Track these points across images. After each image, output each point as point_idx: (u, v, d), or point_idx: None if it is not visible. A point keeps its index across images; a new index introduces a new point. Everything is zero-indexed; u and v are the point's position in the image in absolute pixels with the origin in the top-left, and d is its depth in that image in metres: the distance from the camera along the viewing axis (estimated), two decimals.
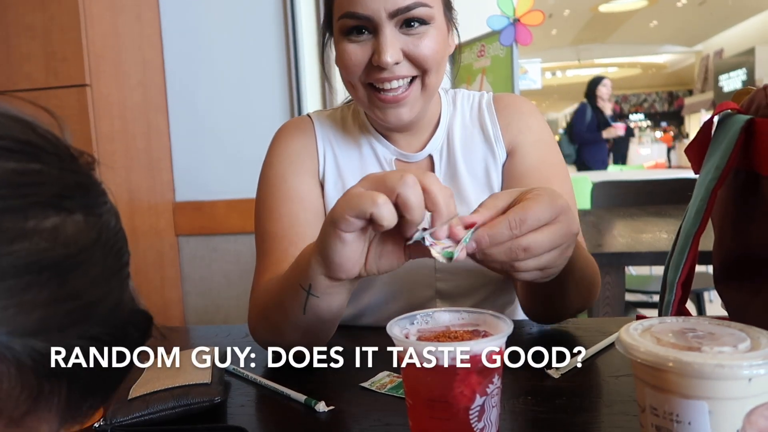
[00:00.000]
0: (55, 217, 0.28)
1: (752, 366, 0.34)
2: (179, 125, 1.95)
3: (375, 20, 0.75)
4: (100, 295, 0.29)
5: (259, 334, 0.76)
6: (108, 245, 0.31)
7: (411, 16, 0.75)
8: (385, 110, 0.79)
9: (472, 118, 0.91)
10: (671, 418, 0.37)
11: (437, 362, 0.43)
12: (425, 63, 0.78)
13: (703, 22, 11.13)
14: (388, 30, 0.75)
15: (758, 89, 0.54)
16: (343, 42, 0.79)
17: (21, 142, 0.28)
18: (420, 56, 0.77)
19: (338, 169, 0.89)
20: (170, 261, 1.93)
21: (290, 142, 0.90)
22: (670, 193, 2.45)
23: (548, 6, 9.01)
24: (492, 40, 2.41)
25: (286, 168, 0.88)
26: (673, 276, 0.54)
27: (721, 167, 0.50)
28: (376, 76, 0.77)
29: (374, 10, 0.74)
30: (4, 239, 0.26)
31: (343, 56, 0.79)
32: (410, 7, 0.75)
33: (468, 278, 0.86)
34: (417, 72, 0.79)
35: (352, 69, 0.78)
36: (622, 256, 1.45)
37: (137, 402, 0.58)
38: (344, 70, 0.80)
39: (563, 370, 0.64)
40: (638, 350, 0.38)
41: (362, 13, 0.75)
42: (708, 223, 0.53)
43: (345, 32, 0.78)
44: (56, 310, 0.27)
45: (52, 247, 0.27)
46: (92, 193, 0.31)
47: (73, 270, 0.28)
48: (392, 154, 0.88)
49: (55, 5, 1.52)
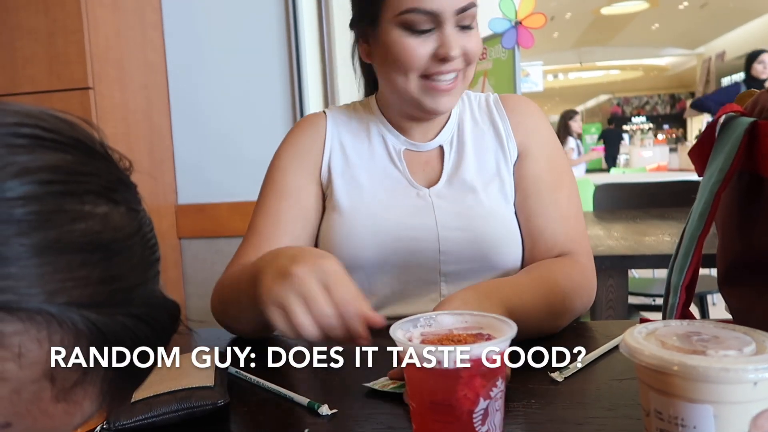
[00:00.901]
0: (105, 206, 0.31)
1: (757, 370, 0.34)
2: (182, 128, 1.95)
3: (442, 17, 0.81)
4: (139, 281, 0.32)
5: (217, 317, 0.86)
6: (145, 239, 0.34)
7: (467, 15, 0.83)
8: (437, 98, 0.85)
9: (482, 114, 0.96)
10: (676, 422, 0.37)
11: (440, 365, 0.43)
12: (473, 58, 0.85)
13: (705, 24, 11.13)
14: (452, 26, 0.82)
15: (762, 92, 0.54)
16: (403, 36, 0.83)
17: (73, 138, 0.32)
18: (471, 52, 0.85)
19: (347, 159, 0.93)
20: (173, 263, 1.93)
21: (298, 138, 0.95)
22: (673, 196, 2.45)
23: (550, 9, 9.02)
24: (494, 43, 2.42)
25: (287, 164, 0.93)
26: (677, 279, 0.54)
27: (725, 170, 0.50)
28: (437, 68, 0.83)
29: (443, 7, 0.81)
30: (66, 218, 0.29)
31: (404, 50, 0.84)
32: (468, 6, 0.83)
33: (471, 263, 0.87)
34: (463, 65, 0.85)
35: (413, 61, 0.83)
36: (625, 259, 1.45)
37: (140, 405, 0.58)
38: (402, 63, 0.85)
39: (566, 373, 0.64)
40: (643, 354, 0.38)
41: (431, 8, 0.81)
42: (712, 226, 0.53)
43: (407, 28, 0.83)
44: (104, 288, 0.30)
45: (103, 230, 0.30)
46: (132, 191, 0.35)
47: (118, 254, 0.31)
48: (402, 144, 0.93)
49: (58, 8, 1.52)
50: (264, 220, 0.90)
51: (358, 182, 0.91)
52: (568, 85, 18.23)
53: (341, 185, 0.91)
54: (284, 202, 0.90)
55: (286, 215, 0.89)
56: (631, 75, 17.45)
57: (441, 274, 0.87)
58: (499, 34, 2.33)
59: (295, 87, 1.89)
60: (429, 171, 0.92)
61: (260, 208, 0.91)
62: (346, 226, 0.88)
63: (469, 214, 0.87)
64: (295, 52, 1.88)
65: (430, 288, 0.88)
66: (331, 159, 0.93)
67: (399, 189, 0.90)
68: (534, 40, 2.30)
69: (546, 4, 8.77)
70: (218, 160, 1.94)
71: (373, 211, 0.88)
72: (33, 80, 1.54)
